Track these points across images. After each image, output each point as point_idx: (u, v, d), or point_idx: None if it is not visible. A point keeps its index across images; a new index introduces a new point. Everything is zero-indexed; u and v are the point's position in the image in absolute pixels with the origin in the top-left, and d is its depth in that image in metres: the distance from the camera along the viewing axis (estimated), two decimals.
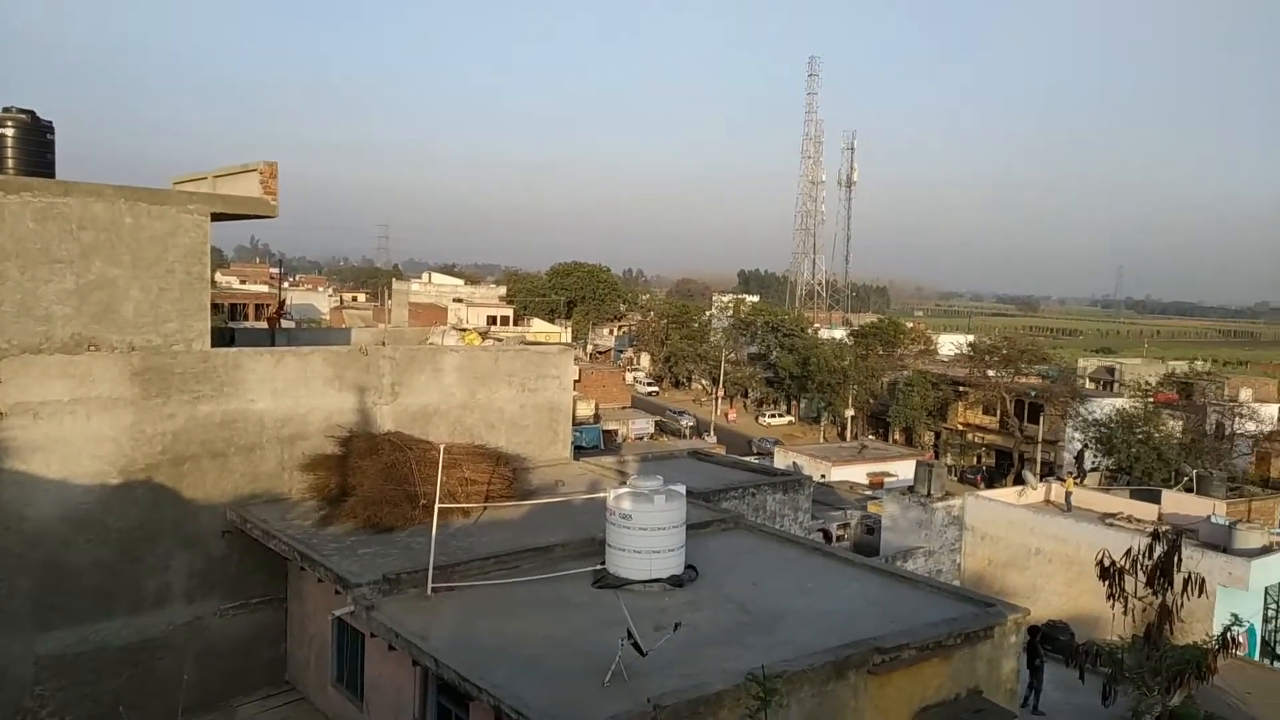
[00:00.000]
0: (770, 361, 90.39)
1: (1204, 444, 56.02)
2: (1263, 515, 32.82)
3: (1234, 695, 20.79)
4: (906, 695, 12.11)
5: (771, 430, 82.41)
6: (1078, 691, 14.00)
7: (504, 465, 16.24)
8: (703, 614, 12.70)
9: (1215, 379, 75.14)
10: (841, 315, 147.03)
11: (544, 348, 20.78)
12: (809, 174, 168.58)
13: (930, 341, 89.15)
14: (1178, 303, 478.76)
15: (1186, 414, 59.82)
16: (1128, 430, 53.38)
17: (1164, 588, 9.65)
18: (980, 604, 13.88)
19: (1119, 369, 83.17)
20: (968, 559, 28.30)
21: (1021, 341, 78.54)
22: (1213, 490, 33.21)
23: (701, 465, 24.08)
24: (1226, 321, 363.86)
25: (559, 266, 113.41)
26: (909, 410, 71.87)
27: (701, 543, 15.48)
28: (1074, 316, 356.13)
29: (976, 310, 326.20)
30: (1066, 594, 25.47)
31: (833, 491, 40.06)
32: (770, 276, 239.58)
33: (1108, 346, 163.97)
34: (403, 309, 75.73)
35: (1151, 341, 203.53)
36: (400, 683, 12.64)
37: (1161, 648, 9.72)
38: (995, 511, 29.17)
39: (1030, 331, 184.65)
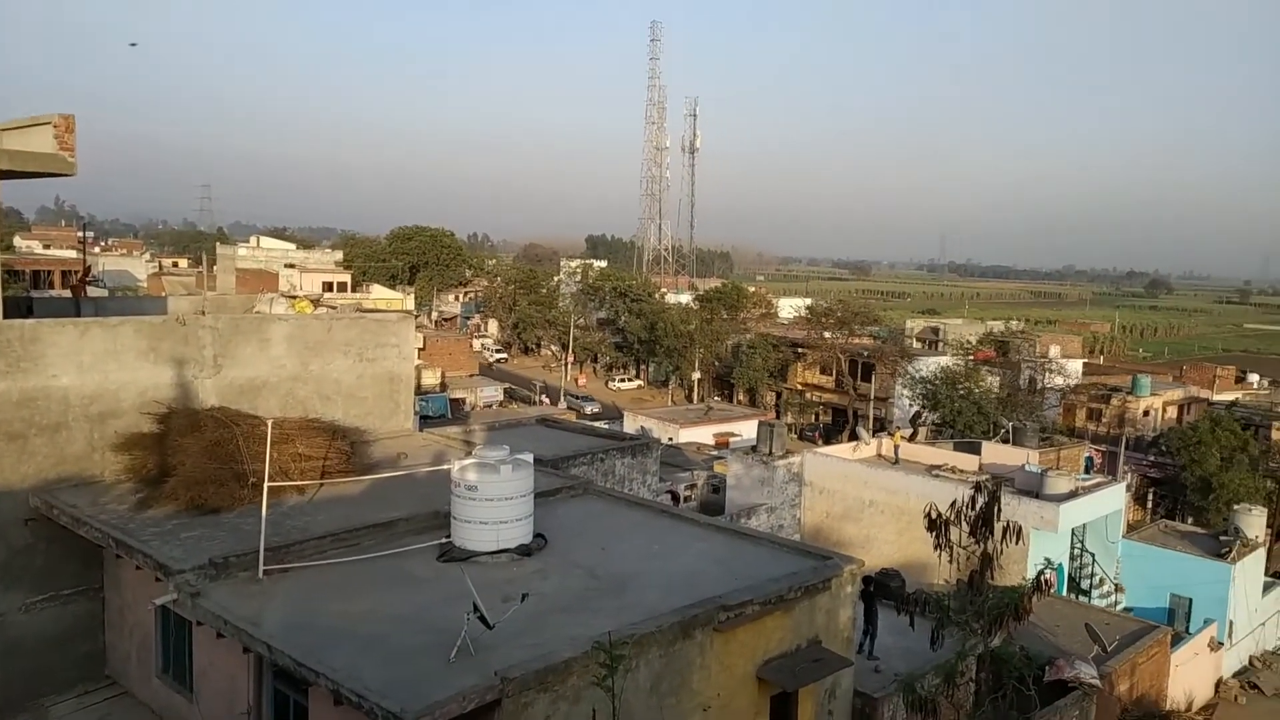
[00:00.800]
0: (619, 326, 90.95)
1: (1019, 398, 60.40)
2: (1069, 463, 35.78)
3: (1045, 629, 22.68)
4: (750, 649, 12.46)
5: (621, 394, 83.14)
6: (909, 636, 14.84)
7: (341, 439, 15.53)
8: (551, 582, 12.61)
9: (1028, 337, 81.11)
10: (687, 280, 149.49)
11: (383, 315, 19.97)
12: (653, 140, 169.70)
13: (771, 305, 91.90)
14: (995, 266, 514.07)
15: (1003, 370, 64.33)
16: (951, 387, 56.85)
17: (985, 536, 10.26)
18: (818, 557, 14.42)
19: (943, 329, 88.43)
20: (807, 513, 29.51)
21: (855, 304, 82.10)
22: (1026, 441, 35.86)
23: (550, 432, 23.93)
24: (1037, 284, 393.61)
25: (400, 230, 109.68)
26: (752, 372, 74.05)
27: (550, 510, 15.35)
28: (902, 280, 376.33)
29: (814, 275, 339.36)
30: (898, 542, 26.97)
31: (681, 453, 40.85)
32: (618, 242, 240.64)
33: (933, 308, 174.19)
34: (229, 275, 71.26)
35: (972, 303, 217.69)
36: (233, 671, 11.94)
37: (983, 592, 10.36)
38: (832, 467, 30.49)
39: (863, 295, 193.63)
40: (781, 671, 12.21)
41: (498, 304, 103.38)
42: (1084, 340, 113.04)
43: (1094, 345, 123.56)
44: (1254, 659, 29.81)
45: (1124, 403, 61.10)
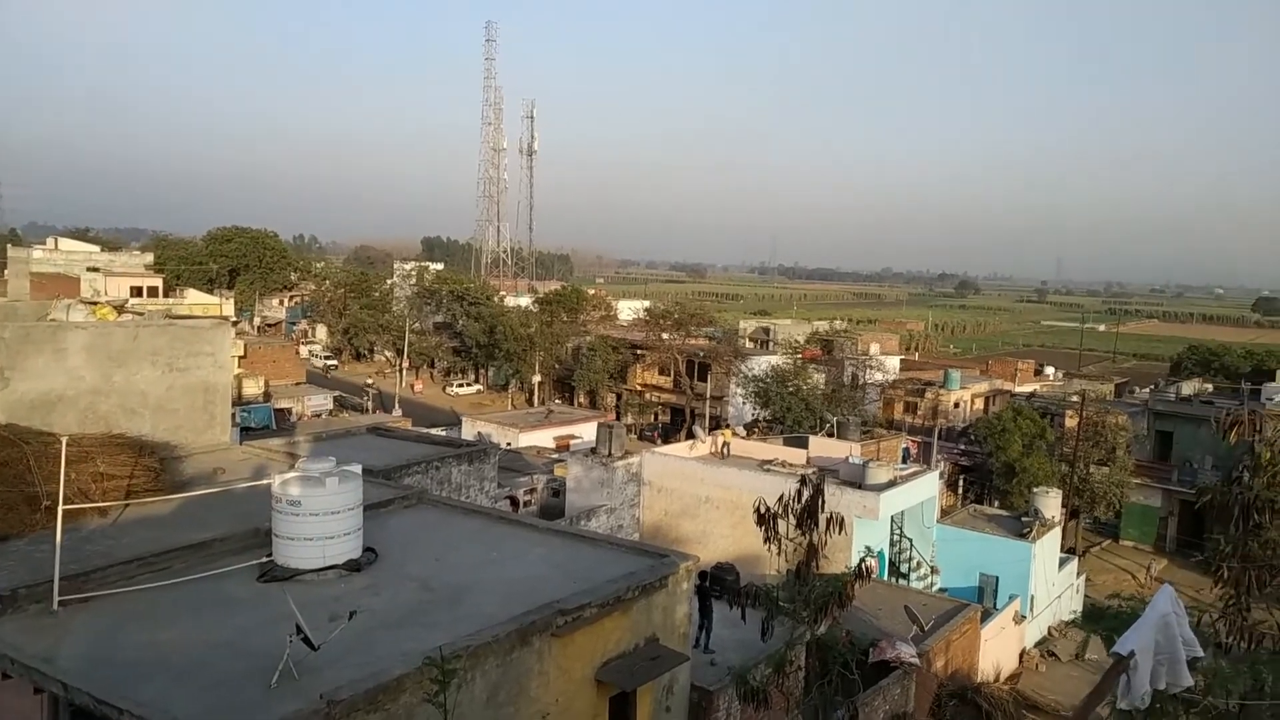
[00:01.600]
0: (457, 330, 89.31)
1: (843, 393, 63.48)
2: (888, 453, 37.91)
3: (869, 613, 23.91)
4: (589, 652, 12.48)
5: (459, 400, 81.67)
6: (742, 628, 15.28)
7: (149, 456, 14.47)
8: (382, 598, 12.19)
9: (850, 336, 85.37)
10: (527, 283, 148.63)
11: (195, 322, 18.75)
12: (490, 141, 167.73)
13: (611, 308, 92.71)
14: (821, 269, 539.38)
15: (828, 368, 67.45)
16: (781, 384, 59.11)
17: (810, 527, 10.69)
18: (655, 556, 14.63)
19: (773, 329, 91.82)
20: (646, 512, 29.93)
21: (691, 306, 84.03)
22: (850, 434, 37.72)
23: (382, 441, 23.16)
24: (859, 285, 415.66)
25: (217, 231, 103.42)
26: (592, 374, 74.43)
27: (382, 523, 14.85)
28: (736, 282, 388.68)
29: (652, 277, 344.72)
30: (732, 536, 27.75)
31: (521, 457, 40.50)
32: (455, 244, 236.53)
33: (764, 309, 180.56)
34: (22, 280, 65.01)
35: (800, 304, 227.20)
36: (26, 713, 10.88)
37: (809, 582, 10.78)
38: (669, 465, 31.06)
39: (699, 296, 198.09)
40: (619, 672, 12.29)
41: (327, 308, 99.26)
42: (901, 338, 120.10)
43: (910, 343, 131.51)
44: (1051, 629, 32.51)
45: (937, 396, 65.31)
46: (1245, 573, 6.49)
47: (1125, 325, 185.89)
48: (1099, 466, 49.09)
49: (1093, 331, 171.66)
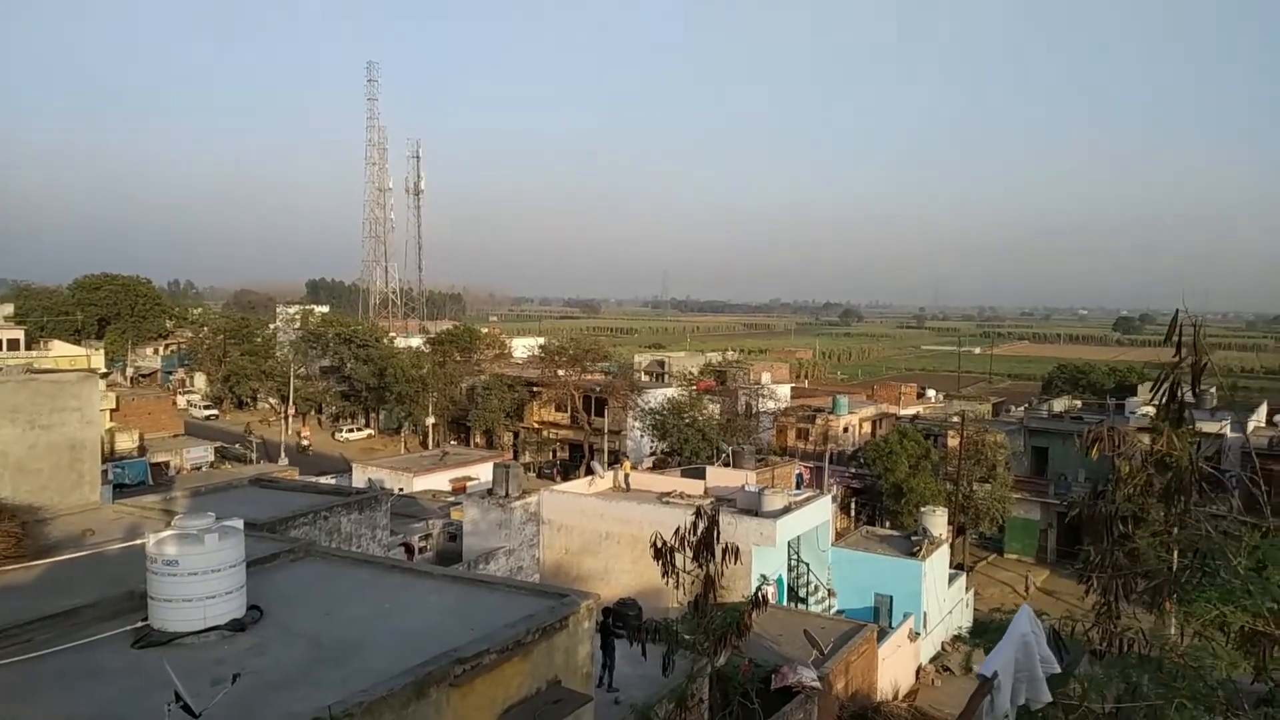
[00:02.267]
0: (345, 374, 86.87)
1: (737, 423, 64.52)
2: (783, 480, 38.60)
3: (770, 640, 24.17)
4: (489, 700, 12.18)
5: (349, 445, 79.26)
6: (644, 664, 15.21)
7: (9, 520, 13.50)
8: (268, 657, 11.63)
9: (743, 366, 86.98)
10: (418, 323, 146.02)
11: (58, 375, 17.68)
12: (375, 181, 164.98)
13: (505, 346, 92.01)
14: (712, 301, 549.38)
15: (723, 398, 68.49)
16: (678, 416, 59.66)
17: (707, 559, 10.75)
18: (555, 596, 14.43)
19: (668, 362, 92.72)
20: (547, 551, 29.58)
21: (586, 342, 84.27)
22: (745, 463, 38.29)
23: (266, 493, 22.23)
24: (749, 316, 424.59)
25: (85, 280, 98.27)
26: (488, 413, 73.47)
27: (267, 579, 14.21)
28: (629, 317, 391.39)
29: (546, 314, 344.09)
30: (634, 570, 27.68)
31: (415, 502, 39.50)
32: (341, 286, 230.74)
33: (658, 342, 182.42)
34: None
35: (693, 336, 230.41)
36: None
37: (708, 613, 10.83)
38: (568, 502, 30.85)
39: (593, 332, 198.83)
40: (521, 718, 12.03)
41: (205, 356, 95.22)
42: (791, 366, 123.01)
43: (800, 370, 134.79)
44: (945, 644, 33.52)
45: (826, 422, 66.99)
46: (1113, 581, 6.85)
47: (999, 347, 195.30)
48: (981, 484, 51.16)
49: (969, 354, 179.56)
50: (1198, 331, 5.87)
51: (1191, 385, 5.84)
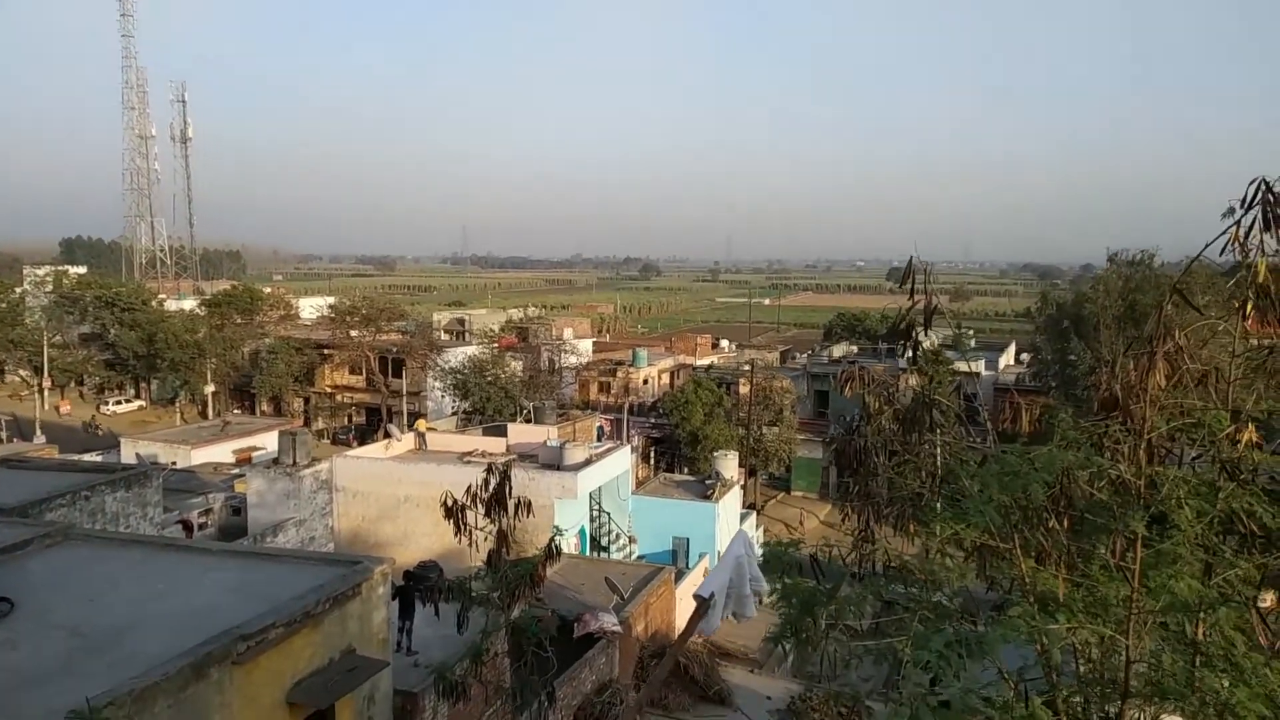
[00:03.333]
0: (109, 341, 79.44)
1: (540, 379, 64.63)
2: (584, 434, 39.17)
3: (573, 589, 24.66)
4: (278, 674, 11.74)
5: (118, 419, 72.98)
6: (445, 625, 15.13)
7: None
8: (22, 652, 10.66)
9: (544, 322, 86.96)
10: (191, 284, 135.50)
11: None
12: (135, 128, 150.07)
13: (291, 306, 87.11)
14: (513, 257, 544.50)
15: (525, 354, 68.32)
16: (480, 374, 59.00)
17: (500, 514, 10.79)
18: (347, 564, 14.04)
19: (468, 319, 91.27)
20: (342, 520, 28.62)
21: (380, 301, 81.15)
22: (546, 418, 38.51)
23: (15, 475, 20.12)
24: (551, 271, 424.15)
25: None
26: (274, 379, 69.64)
27: (19, 568, 12.99)
28: (428, 274, 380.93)
29: (336, 272, 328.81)
30: (435, 533, 27.29)
31: (195, 476, 36.98)
32: (101, 244, 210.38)
33: (459, 300, 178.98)
34: None
35: (494, 293, 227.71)
36: None
37: (501, 569, 10.89)
38: (363, 468, 29.92)
39: (388, 290, 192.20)
40: (312, 691, 11.70)
41: None
42: (593, 321, 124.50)
43: (601, 325, 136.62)
44: None
45: (627, 374, 68.46)
46: (866, 508, 7.49)
47: (786, 298, 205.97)
48: (770, 427, 54.15)
49: (760, 305, 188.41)
50: (927, 276, 6.43)
51: (924, 326, 6.40)
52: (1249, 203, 4.78)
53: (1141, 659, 6.02)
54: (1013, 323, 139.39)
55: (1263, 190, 4.70)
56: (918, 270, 6.17)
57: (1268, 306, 5.05)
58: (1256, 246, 4.90)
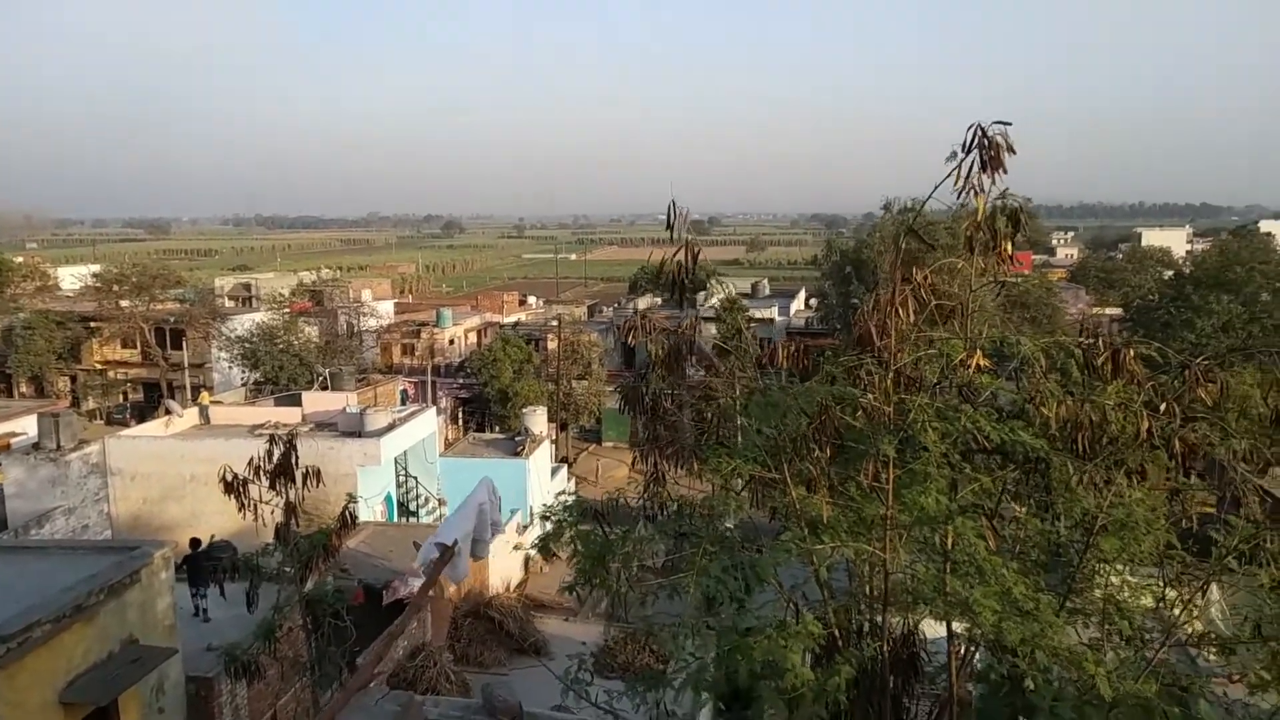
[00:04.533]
0: None
1: (339, 344, 61.92)
2: (386, 398, 38.05)
3: (381, 557, 24.10)
4: (47, 674, 10.84)
5: None
6: (233, 605, 14.41)
7: None
8: None
9: (340, 284, 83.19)
10: None
11: None
12: None
13: (49, 277, 78.69)
14: (303, 217, 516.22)
15: (320, 319, 65.16)
16: (270, 342, 55.82)
17: (287, 485, 10.32)
18: (123, 551, 13.09)
19: (256, 284, 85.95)
20: (119, 504, 26.44)
21: (154, 267, 74.59)
22: (345, 385, 37.05)
23: None
24: (346, 231, 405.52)
25: None
26: (33, 357, 62.88)
27: None
28: (208, 237, 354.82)
29: (102, 238, 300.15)
30: (227, 512, 25.68)
31: None
32: None
33: (244, 264, 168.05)
34: None
35: (284, 255, 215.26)
36: None
37: (292, 541, 10.46)
38: (141, 448, 27.71)
39: (163, 255, 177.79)
40: (89, 688, 10.89)
41: None
42: (393, 282, 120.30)
43: (403, 286, 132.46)
44: None
45: (432, 335, 66.94)
46: (653, 452, 7.74)
47: (592, 253, 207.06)
48: (579, 381, 54.68)
49: (566, 261, 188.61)
50: (685, 222, 6.66)
51: (688, 272, 6.64)
52: (968, 147, 5.27)
53: (898, 570, 6.60)
54: (803, 270, 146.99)
55: (978, 135, 5.18)
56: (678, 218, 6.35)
57: (985, 243, 5.59)
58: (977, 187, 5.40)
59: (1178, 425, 6.21)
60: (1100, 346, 6.00)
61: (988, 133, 5.09)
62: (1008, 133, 5.08)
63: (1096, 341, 6.05)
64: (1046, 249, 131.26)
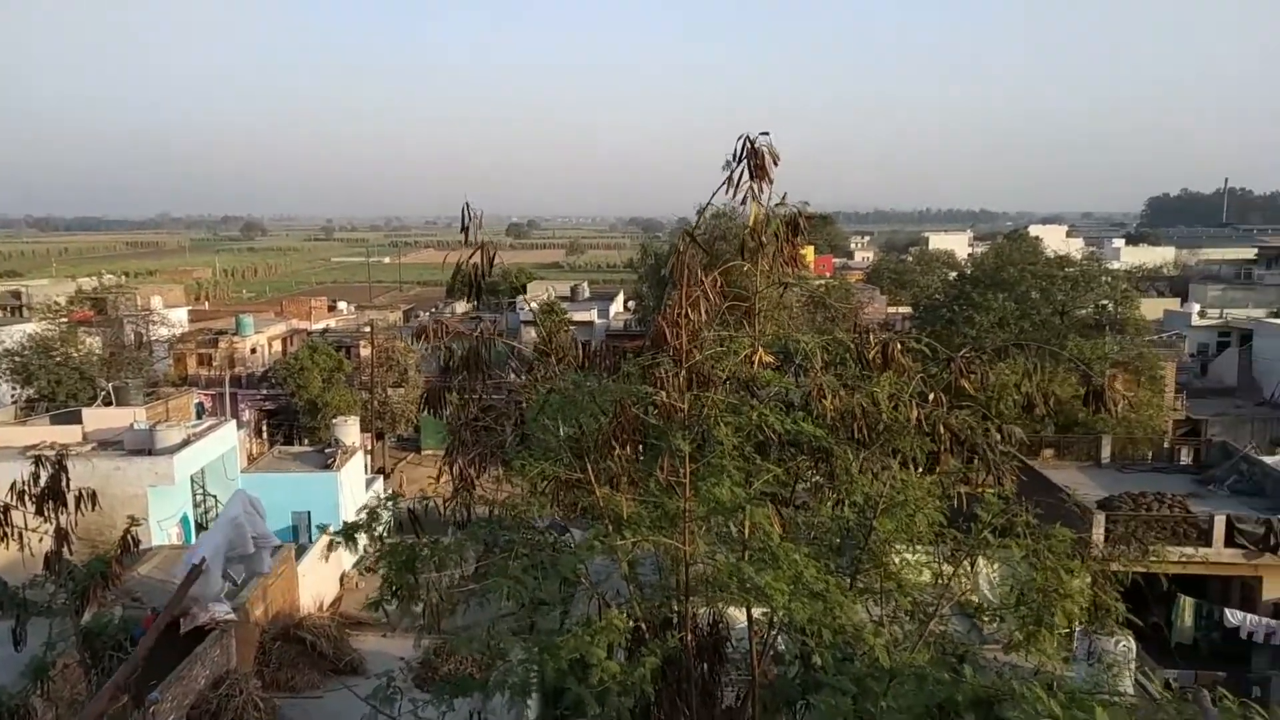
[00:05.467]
0: None
1: (125, 356, 57.23)
2: (180, 412, 35.53)
3: (176, 581, 22.47)
4: None
5: None
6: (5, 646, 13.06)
7: None
8: None
9: (126, 291, 76.90)
10: None
11: None
12: None
13: None
14: (83, 218, 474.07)
15: (104, 329, 59.98)
16: (46, 355, 50.89)
17: (57, 510, 9.46)
18: None
19: (27, 292, 78.27)
20: None
21: None
22: (131, 399, 34.32)
23: None
24: (132, 233, 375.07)
25: None
26: None
27: None
28: None
29: None
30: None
31: None
32: None
33: (12, 269, 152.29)
34: None
35: (60, 260, 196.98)
36: None
37: (64, 570, 9.60)
38: None
39: None
40: None
41: None
42: (187, 288, 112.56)
43: (199, 292, 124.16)
44: (367, 547, 34.56)
45: (231, 344, 63.12)
46: (459, 457, 7.66)
47: (407, 255, 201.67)
48: (395, 388, 53.09)
49: (379, 264, 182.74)
50: (479, 225, 6.67)
51: (483, 274, 6.64)
52: (739, 157, 5.56)
53: (699, 561, 6.85)
54: (622, 273, 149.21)
55: (747, 146, 5.48)
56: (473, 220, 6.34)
57: (771, 248, 5.92)
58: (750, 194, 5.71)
59: (944, 413, 6.78)
60: (870, 341, 6.47)
61: (755, 144, 5.39)
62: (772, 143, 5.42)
63: (867, 337, 6.53)
64: (846, 252, 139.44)
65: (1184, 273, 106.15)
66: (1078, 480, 30.32)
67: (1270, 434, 49.27)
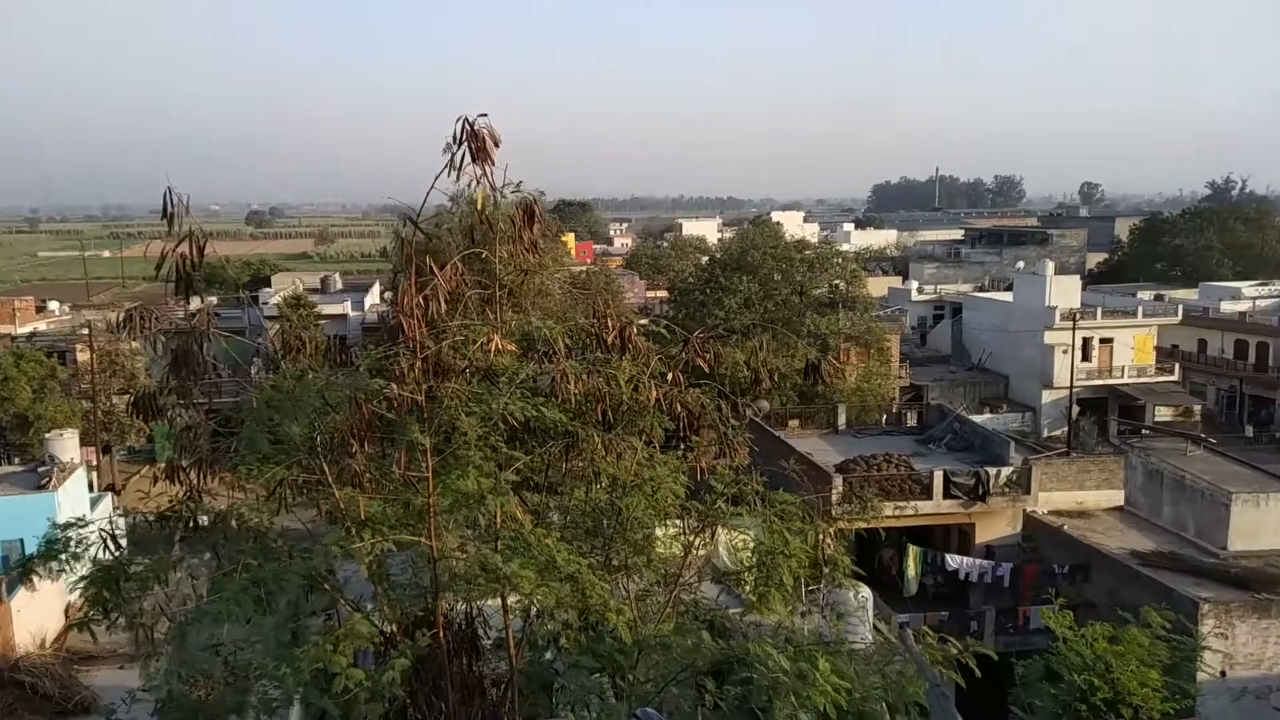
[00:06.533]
0: None
1: None
2: None
3: None
4: None
5: None
6: None
7: None
8: None
9: None
10: None
11: None
12: None
13: None
14: None
15: None
16: None
17: None
18: None
19: None
20: None
21: None
22: None
23: None
24: None
25: None
26: None
27: None
28: None
29: None
30: None
31: None
32: None
33: None
34: None
35: None
36: None
37: None
38: None
39: None
40: None
41: None
42: None
43: None
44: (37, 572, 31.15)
45: None
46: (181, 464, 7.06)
47: (131, 249, 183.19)
48: (122, 395, 48.24)
49: (98, 259, 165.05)
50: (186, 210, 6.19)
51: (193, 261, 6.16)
52: (459, 139, 5.47)
53: (448, 555, 6.72)
54: (378, 262, 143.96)
55: (466, 127, 5.41)
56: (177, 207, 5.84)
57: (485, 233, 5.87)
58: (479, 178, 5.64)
59: (680, 392, 7.06)
60: (608, 326, 6.61)
61: (474, 126, 5.32)
62: (493, 126, 5.37)
63: (605, 322, 6.66)
64: (606, 239, 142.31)
65: (904, 253, 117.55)
66: (819, 447, 32.76)
67: (979, 395, 55.85)
